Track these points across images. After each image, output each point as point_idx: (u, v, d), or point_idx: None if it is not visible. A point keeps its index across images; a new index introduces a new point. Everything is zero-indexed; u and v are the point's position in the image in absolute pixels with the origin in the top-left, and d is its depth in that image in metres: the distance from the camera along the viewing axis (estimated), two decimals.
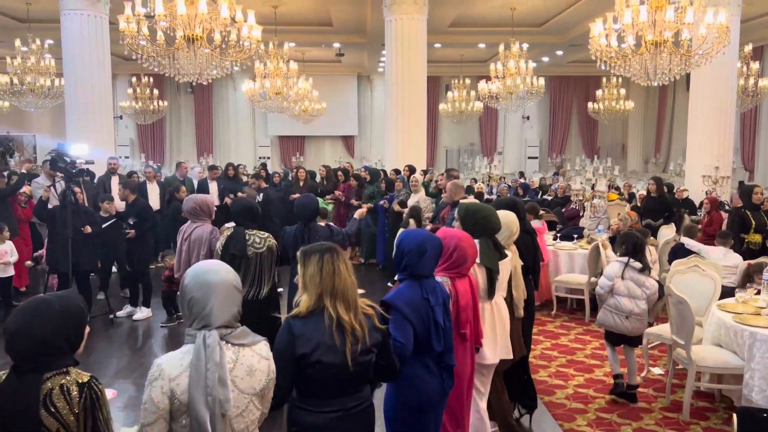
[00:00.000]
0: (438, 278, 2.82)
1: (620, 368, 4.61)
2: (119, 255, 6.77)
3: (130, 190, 6.78)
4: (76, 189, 6.28)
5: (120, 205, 7.02)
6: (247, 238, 4.01)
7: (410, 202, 7.81)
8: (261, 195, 8.86)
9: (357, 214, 4.95)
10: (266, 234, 4.16)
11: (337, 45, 15.13)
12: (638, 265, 4.48)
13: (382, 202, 8.54)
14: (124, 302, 6.89)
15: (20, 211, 7.50)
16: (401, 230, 5.61)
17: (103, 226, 6.43)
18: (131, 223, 6.60)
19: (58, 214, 6.14)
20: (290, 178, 10.74)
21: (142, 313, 6.65)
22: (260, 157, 18.72)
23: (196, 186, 9.83)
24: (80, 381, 1.80)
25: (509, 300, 3.58)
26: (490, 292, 3.26)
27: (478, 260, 3.14)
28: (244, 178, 10.88)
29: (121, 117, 16.27)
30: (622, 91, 15.18)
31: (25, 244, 7.44)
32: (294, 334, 2.15)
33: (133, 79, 15.21)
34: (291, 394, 2.21)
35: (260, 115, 19.02)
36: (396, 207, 8.07)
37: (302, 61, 15.28)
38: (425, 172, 9.46)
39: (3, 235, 6.36)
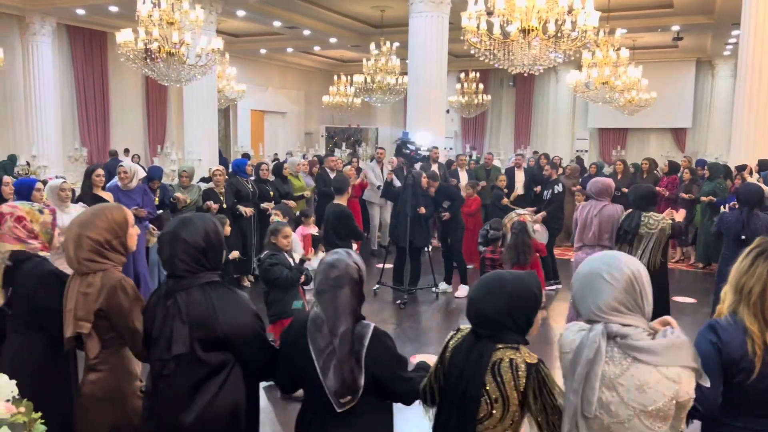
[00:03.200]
0: None
1: None
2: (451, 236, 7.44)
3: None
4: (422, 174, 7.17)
5: None
6: (642, 218, 4.84)
7: None
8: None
9: None
10: (661, 216, 4.90)
11: (675, 28, 13.75)
12: None
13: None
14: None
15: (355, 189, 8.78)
16: None
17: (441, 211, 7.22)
18: (444, 206, 7.27)
19: (401, 195, 7.05)
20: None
21: (461, 291, 7.18)
22: (577, 151, 18.23)
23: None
24: (528, 361, 1.90)
25: None
26: None
27: None
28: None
29: (448, 111, 17.59)
30: None
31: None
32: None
33: (462, 75, 16.26)
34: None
35: (581, 106, 18.49)
36: None
37: (633, 48, 14.31)
38: None
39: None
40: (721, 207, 7.41)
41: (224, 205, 6.95)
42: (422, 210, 6.87)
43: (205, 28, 9.45)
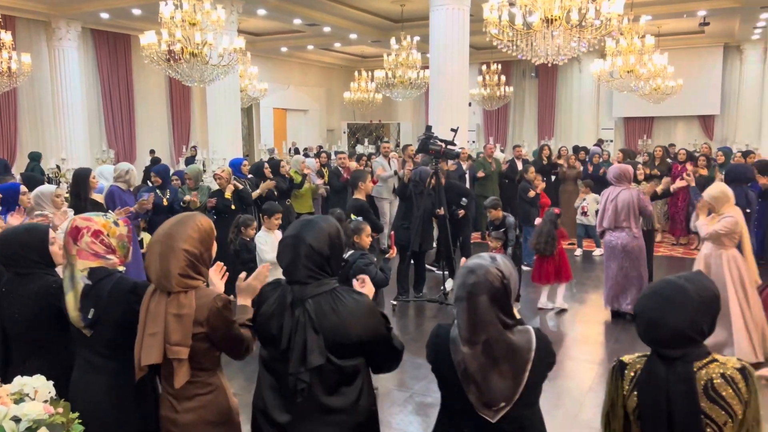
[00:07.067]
0: None
1: None
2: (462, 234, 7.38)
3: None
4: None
5: None
6: None
7: None
8: None
9: None
10: None
11: (701, 13, 13.45)
12: None
13: None
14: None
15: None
16: None
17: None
18: (462, 203, 7.16)
19: (414, 196, 6.81)
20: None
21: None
22: (599, 139, 17.95)
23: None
24: (736, 366, 1.76)
25: None
26: None
27: None
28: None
29: (470, 104, 17.47)
30: None
31: None
32: None
33: (483, 67, 16.14)
34: None
35: (605, 96, 18.21)
36: None
37: (658, 35, 14.02)
38: None
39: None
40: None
41: (232, 206, 6.79)
42: (441, 211, 6.60)
43: (227, 28, 9.52)
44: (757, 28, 14.60)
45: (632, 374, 1.84)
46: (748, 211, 5.44)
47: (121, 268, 2.35)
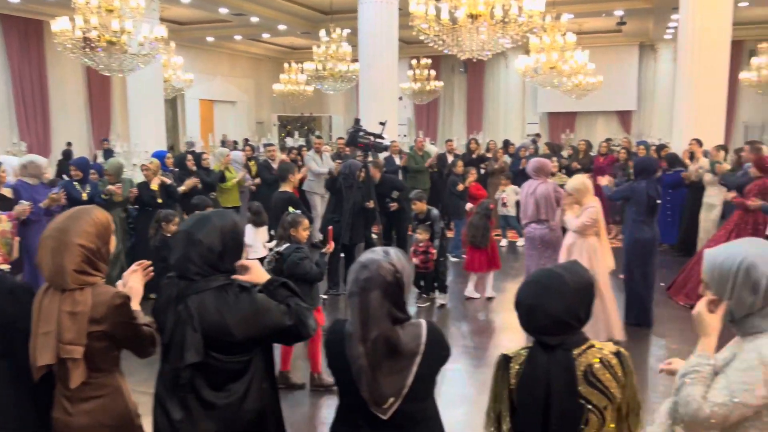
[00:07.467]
0: None
1: None
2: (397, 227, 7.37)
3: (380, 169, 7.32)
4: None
5: None
6: None
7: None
8: None
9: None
10: None
11: (619, 13, 14.08)
12: None
13: None
14: None
15: None
16: None
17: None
18: (393, 197, 7.13)
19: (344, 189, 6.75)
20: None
21: None
22: (528, 135, 18.53)
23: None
24: (612, 351, 1.82)
25: None
26: None
27: None
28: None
29: (401, 98, 17.58)
30: None
31: None
32: None
33: (413, 62, 16.26)
34: None
35: (530, 91, 18.77)
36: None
37: (579, 33, 14.56)
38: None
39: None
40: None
41: (159, 200, 6.57)
42: (371, 204, 6.47)
43: (148, 16, 9.12)
44: (669, 29, 15.43)
45: (517, 367, 1.86)
46: (658, 201, 5.71)
47: (5, 267, 2.23)
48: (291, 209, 5.09)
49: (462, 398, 4.40)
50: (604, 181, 6.21)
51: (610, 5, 13.66)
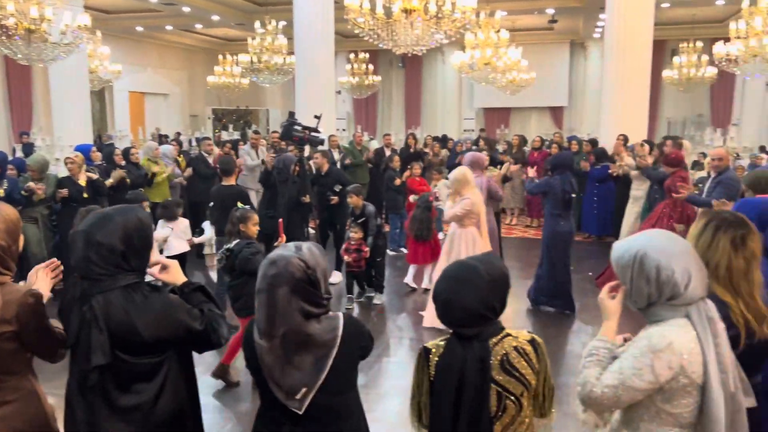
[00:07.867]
0: None
1: None
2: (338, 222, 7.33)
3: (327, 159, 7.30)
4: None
5: None
6: None
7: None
8: None
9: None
10: None
11: (550, 11, 14.48)
12: None
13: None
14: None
15: None
16: None
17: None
18: (336, 190, 6.98)
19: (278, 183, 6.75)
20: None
21: (335, 277, 6.87)
22: (464, 130, 18.82)
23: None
24: (526, 338, 1.89)
25: None
26: None
27: None
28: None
29: (339, 92, 17.48)
30: None
31: None
32: None
33: (351, 56, 16.19)
34: None
35: (467, 87, 19.05)
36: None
37: (512, 30, 14.90)
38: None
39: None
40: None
41: (85, 195, 6.31)
42: (307, 199, 6.29)
43: (70, 3, 8.70)
44: (598, 27, 15.98)
45: (437, 359, 1.88)
46: (574, 195, 5.97)
47: None
48: (240, 204, 4.96)
49: (399, 390, 4.42)
50: (531, 172, 6.46)
51: (542, 3, 14.02)
